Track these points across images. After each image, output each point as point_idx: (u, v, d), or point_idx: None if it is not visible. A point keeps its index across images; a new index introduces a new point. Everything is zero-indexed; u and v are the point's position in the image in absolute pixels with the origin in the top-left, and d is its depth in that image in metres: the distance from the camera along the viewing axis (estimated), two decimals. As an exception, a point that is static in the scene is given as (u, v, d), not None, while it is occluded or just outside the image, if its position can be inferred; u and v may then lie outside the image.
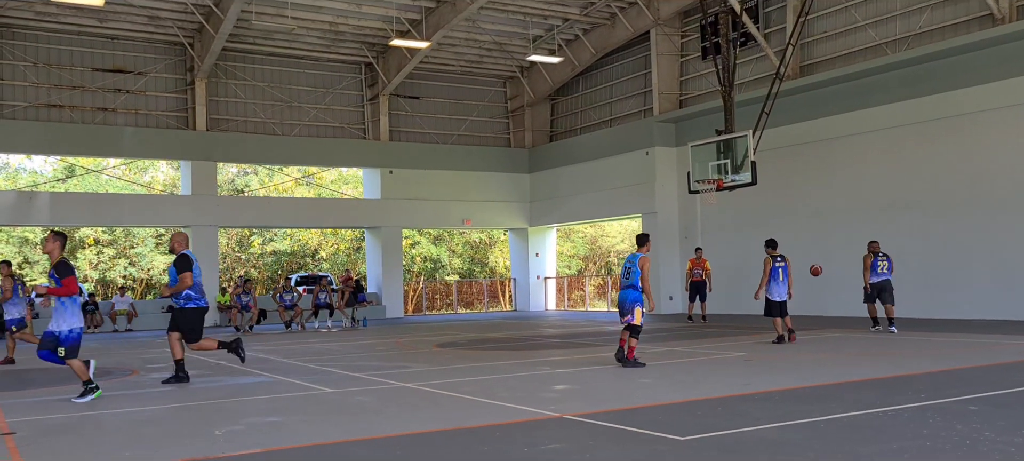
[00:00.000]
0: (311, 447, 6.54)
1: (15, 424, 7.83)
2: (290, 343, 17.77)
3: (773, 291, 14.05)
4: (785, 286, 14.07)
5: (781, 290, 14.05)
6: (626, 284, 11.39)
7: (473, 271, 41.26)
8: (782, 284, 14.03)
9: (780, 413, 7.45)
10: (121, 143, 25.81)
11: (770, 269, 14.00)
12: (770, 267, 14.01)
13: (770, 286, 14.04)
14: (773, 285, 14.03)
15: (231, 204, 29.62)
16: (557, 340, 16.84)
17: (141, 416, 8.29)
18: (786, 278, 14.09)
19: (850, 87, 21.64)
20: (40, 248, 36.26)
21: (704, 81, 25.70)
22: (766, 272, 14.03)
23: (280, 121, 28.22)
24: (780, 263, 14.07)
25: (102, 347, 18.12)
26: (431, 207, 30.18)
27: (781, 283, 14.02)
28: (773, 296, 14.06)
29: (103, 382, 11.36)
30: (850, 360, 11.70)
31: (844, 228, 21.53)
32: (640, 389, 9.38)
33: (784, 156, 22.90)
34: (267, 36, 26.72)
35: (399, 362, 12.96)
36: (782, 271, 14.06)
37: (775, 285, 14.02)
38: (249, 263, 39.73)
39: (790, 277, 14.23)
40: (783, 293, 14.07)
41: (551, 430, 7.00)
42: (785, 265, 14.14)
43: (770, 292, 14.06)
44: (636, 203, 27.28)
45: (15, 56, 24.80)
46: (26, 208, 25.11)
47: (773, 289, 14.04)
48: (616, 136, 28.16)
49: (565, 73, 29.62)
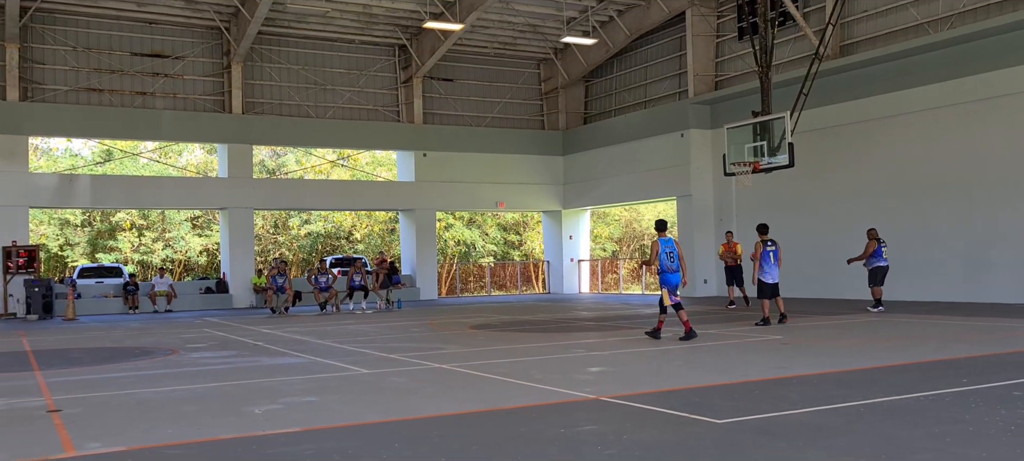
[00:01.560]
0: (349, 427, 6.59)
1: (61, 401, 7.99)
2: (325, 324, 17.94)
3: (766, 273, 14.59)
4: (776, 268, 14.65)
5: (774, 272, 14.62)
6: (675, 269, 12.40)
7: (507, 253, 41.31)
8: (774, 266, 14.62)
9: (818, 397, 7.37)
10: (159, 127, 26.14)
11: (761, 252, 14.51)
12: (761, 251, 14.52)
13: (762, 268, 14.59)
14: (766, 267, 14.59)
15: (267, 186, 29.92)
16: (591, 322, 16.81)
17: (182, 394, 8.42)
18: (777, 261, 14.67)
19: (891, 67, 21.26)
20: (80, 230, 36.94)
21: (740, 62, 25.41)
22: (758, 255, 14.57)
23: (314, 104, 28.39)
24: (771, 247, 14.65)
25: (142, 327, 18.43)
26: (465, 189, 30.23)
27: (773, 265, 14.61)
28: (766, 278, 14.59)
29: (145, 361, 11.57)
30: (889, 344, 11.55)
31: (884, 211, 21.20)
32: (675, 372, 9.34)
33: (822, 138, 22.59)
34: (301, 19, 26.85)
35: (434, 343, 13.03)
36: (773, 254, 14.63)
37: (768, 267, 14.59)
38: (284, 245, 40.13)
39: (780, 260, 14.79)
40: (775, 275, 14.62)
41: (587, 412, 7.00)
42: (776, 249, 14.71)
43: (763, 274, 14.60)
44: (670, 186, 27.11)
45: (56, 41, 25.18)
46: (67, 191, 25.55)
47: (766, 271, 14.59)
48: (650, 118, 27.97)
49: (599, 55, 29.44)
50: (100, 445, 6.04)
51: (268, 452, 5.77)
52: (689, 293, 26.21)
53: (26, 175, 24.80)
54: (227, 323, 19.06)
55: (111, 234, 37.68)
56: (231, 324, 18.67)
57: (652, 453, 5.53)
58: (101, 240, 37.50)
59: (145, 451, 5.87)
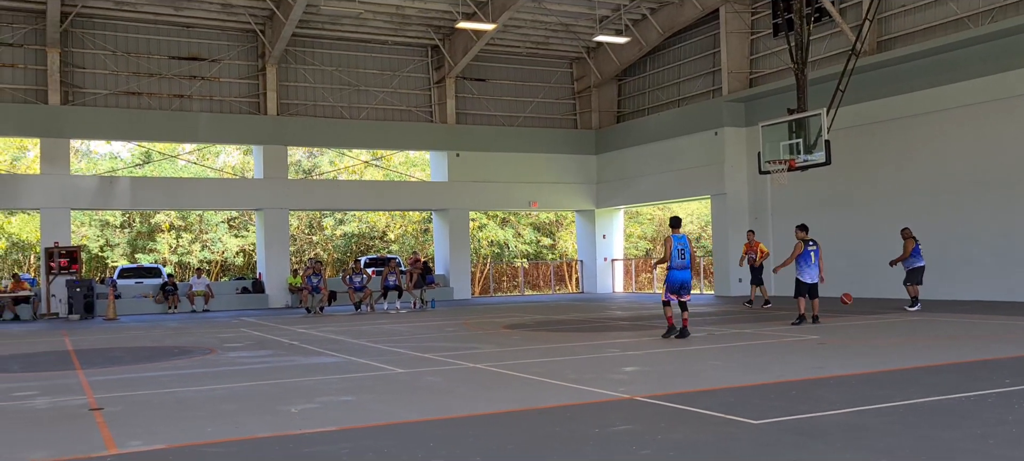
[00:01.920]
0: (384, 426, 6.64)
1: (102, 400, 8.13)
2: (360, 324, 18.06)
3: (805, 273, 14.47)
4: (816, 269, 14.51)
5: (813, 273, 14.49)
6: (686, 265, 12.55)
7: (540, 253, 41.29)
8: (813, 267, 14.48)
9: (856, 397, 7.28)
10: (197, 129, 26.49)
11: (801, 252, 14.46)
12: (801, 250, 14.46)
13: (801, 268, 14.47)
14: (805, 267, 14.46)
15: (301, 187, 30.19)
16: (625, 322, 16.75)
17: (220, 393, 8.52)
18: (817, 261, 14.52)
19: (930, 62, 20.92)
20: (120, 231, 37.54)
21: (775, 59, 25.16)
22: (794, 254, 14.56)
23: (348, 105, 28.60)
24: (812, 247, 14.54)
25: (181, 327, 18.69)
26: (498, 189, 30.27)
27: (813, 266, 14.48)
28: (804, 278, 14.48)
29: (184, 360, 11.73)
30: (928, 344, 11.37)
31: (922, 208, 20.89)
32: (711, 371, 9.27)
33: (859, 135, 22.30)
34: (335, 21, 27.06)
35: (468, 343, 13.06)
36: (814, 254, 14.51)
37: (806, 267, 14.46)
38: (319, 245, 40.46)
39: (821, 261, 14.65)
40: (814, 275, 14.49)
41: (621, 411, 6.97)
42: (817, 249, 14.58)
43: (801, 274, 14.49)
44: (705, 184, 26.92)
45: (95, 45, 25.62)
46: (107, 193, 25.99)
47: (805, 271, 14.47)
48: (684, 116, 27.79)
49: (632, 53, 29.31)
50: (141, 443, 6.14)
51: (305, 451, 5.83)
52: (723, 292, 26.02)
53: (67, 177, 25.27)
54: (263, 323, 19.27)
55: (150, 235, 38.26)
56: (267, 324, 18.87)
57: (687, 453, 5.50)
58: (140, 241, 38.10)
59: (185, 449, 5.96)
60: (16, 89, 24.61)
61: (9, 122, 24.60)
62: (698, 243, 39.17)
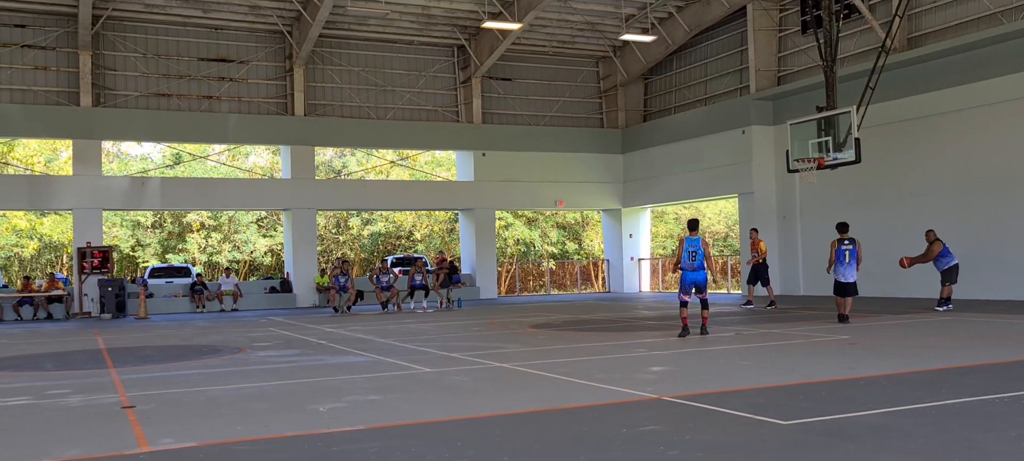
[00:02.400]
0: (411, 425, 6.66)
1: (135, 398, 8.24)
2: (387, 323, 18.14)
3: (838, 272, 14.73)
4: (851, 268, 14.69)
5: (848, 271, 14.68)
6: (696, 266, 12.85)
7: (566, 252, 41.24)
8: (849, 266, 14.68)
9: (887, 398, 7.20)
10: (225, 129, 26.74)
11: (835, 251, 14.72)
12: (835, 249, 14.74)
13: (835, 267, 14.76)
14: (838, 266, 14.71)
15: (328, 187, 30.38)
16: (652, 322, 16.68)
17: (249, 392, 8.60)
18: (853, 260, 14.70)
19: (961, 59, 20.64)
20: (151, 231, 37.99)
21: (804, 56, 24.94)
22: (832, 254, 14.85)
23: (375, 105, 28.73)
24: (847, 246, 14.72)
25: (210, 326, 18.88)
26: (524, 189, 30.27)
27: (848, 265, 14.67)
28: (840, 277, 14.72)
29: (213, 359, 11.85)
30: (961, 344, 11.22)
31: (953, 207, 20.62)
32: (739, 371, 9.22)
33: (889, 133, 22.05)
34: (361, 22, 27.20)
35: (494, 342, 13.08)
36: (850, 253, 14.69)
37: (842, 266, 14.68)
38: (346, 245, 40.69)
39: (858, 260, 14.81)
40: (849, 275, 14.69)
41: (649, 411, 6.95)
42: (854, 248, 14.75)
43: (837, 273, 14.75)
44: (732, 183, 26.75)
45: (126, 48, 25.94)
46: (138, 193, 26.31)
47: (838, 270, 14.73)
48: (711, 115, 27.63)
49: (659, 52, 29.19)
50: (173, 441, 6.21)
51: (333, 449, 5.87)
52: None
53: (99, 178, 25.61)
54: (291, 322, 19.41)
55: (181, 235, 38.69)
56: (295, 323, 19.01)
57: (716, 454, 5.47)
58: (171, 241, 38.54)
59: (215, 447, 6.02)
60: (49, 91, 24.98)
61: (42, 124, 24.98)
62: (725, 242, 38.95)
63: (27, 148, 35.41)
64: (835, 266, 14.78)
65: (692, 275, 12.93)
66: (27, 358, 12.71)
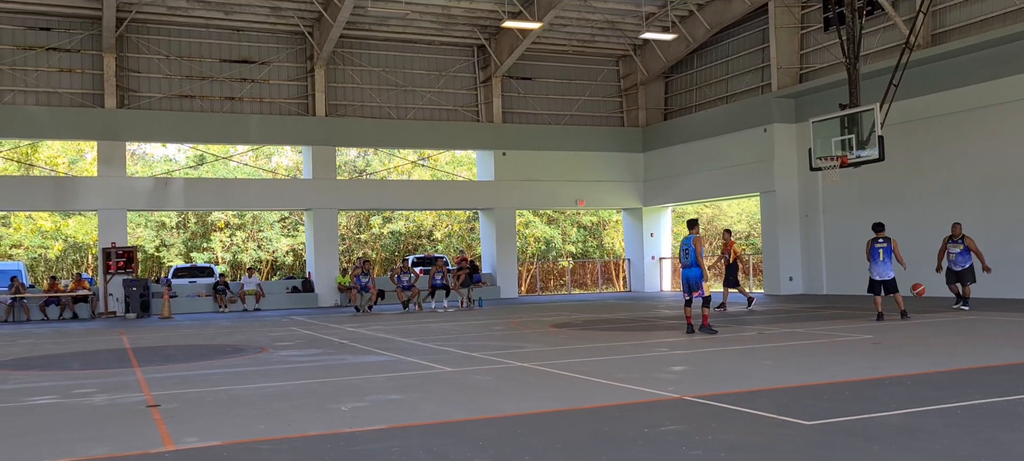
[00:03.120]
0: (433, 425, 6.68)
1: (159, 397, 8.31)
2: (408, 323, 18.18)
3: (872, 270, 15.03)
4: (886, 266, 14.91)
5: (882, 269, 14.92)
6: (688, 264, 13.24)
7: (587, 252, 41.16)
8: (883, 264, 14.92)
9: (912, 398, 7.14)
10: (247, 130, 26.93)
11: (869, 250, 15.05)
12: (868, 248, 15.06)
13: (869, 265, 15.08)
14: (872, 264, 15.03)
15: (350, 187, 30.50)
16: (673, 321, 16.61)
17: (272, 391, 8.65)
18: (888, 259, 14.91)
19: (986, 55, 20.40)
20: (175, 232, 38.31)
21: (826, 53, 24.75)
22: (867, 253, 15.11)
23: (395, 105, 28.81)
24: (881, 244, 14.98)
25: (233, 325, 19.01)
26: (544, 188, 30.25)
27: (882, 263, 14.91)
28: (872, 275, 15.01)
29: (236, 359, 11.93)
30: (987, 343, 11.10)
31: (979, 205, 20.39)
32: (761, 371, 9.16)
33: (914, 130, 21.84)
34: (382, 22, 27.28)
35: (515, 342, 13.08)
36: (883, 252, 14.94)
37: (874, 265, 15.00)
38: (367, 244, 40.84)
39: (894, 257, 14.97)
40: (882, 273, 14.90)
41: (670, 411, 6.93)
42: (888, 246, 14.99)
43: (871, 271, 15.06)
44: (754, 182, 26.60)
45: (149, 50, 26.17)
46: (162, 194, 26.55)
47: (872, 268, 15.03)
48: (732, 113, 27.48)
49: (679, 50, 29.07)
50: (197, 439, 6.26)
51: (356, 449, 5.89)
52: (773, 291, 25.67)
53: (124, 180, 25.86)
54: (313, 321, 19.51)
55: (204, 235, 38.98)
56: (317, 323, 19.10)
57: (738, 454, 5.44)
58: (194, 241, 38.85)
59: (239, 446, 6.06)
60: (74, 93, 25.26)
61: (67, 126, 25.27)
62: (747, 241, 38.73)
63: (52, 149, 35.82)
64: (870, 265, 15.03)
65: (684, 273, 13.37)
66: (53, 357, 12.86)
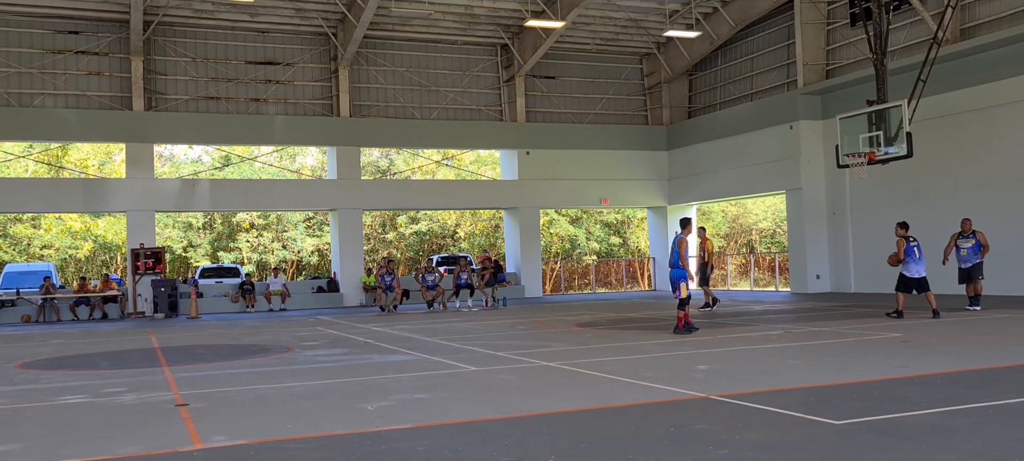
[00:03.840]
0: (459, 424, 6.68)
1: (187, 396, 8.39)
2: (433, 322, 18.23)
3: (911, 268, 14.92)
4: (922, 263, 14.95)
5: (919, 267, 14.92)
6: (671, 264, 13.42)
7: (611, 250, 41.05)
8: (919, 262, 14.93)
9: (942, 397, 7.05)
10: (272, 131, 27.12)
11: (905, 248, 14.95)
12: (904, 247, 14.96)
13: (907, 263, 14.96)
14: (910, 263, 14.94)
15: (374, 187, 30.63)
16: (699, 320, 16.53)
17: (299, 390, 8.71)
18: (922, 257, 14.99)
19: (1016, 49, 20.10)
20: (202, 232, 38.66)
21: (853, 49, 24.51)
22: (901, 251, 15.03)
23: (419, 105, 28.89)
24: (914, 243, 15.07)
25: (259, 325, 19.14)
26: (568, 187, 30.21)
27: (918, 261, 14.95)
28: (910, 273, 14.92)
29: (263, 358, 12.02)
30: (1017, 341, 10.94)
31: (1009, 201, 20.09)
32: (789, 370, 9.09)
33: (942, 126, 21.57)
34: (405, 22, 27.36)
35: (540, 341, 13.07)
36: (917, 249, 15.02)
37: (912, 263, 14.93)
38: (392, 244, 40.99)
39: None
40: (918, 270, 14.90)
41: (697, 410, 6.89)
42: (919, 243, 15.10)
43: (907, 269, 14.96)
44: (779, 179, 26.40)
45: (176, 52, 26.43)
46: (189, 195, 26.81)
47: (910, 266, 14.93)
48: (758, 110, 27.29)
49: (703, 47, 28.91)
50: (225, 438, 6.31)
51: (382, 448, 5.91)
52: (800, 289, 25.46)
53: (152, 181, 26.14)
54: (338, 321, 19.61)
55: (231, 235, 39.31)
56: (342, 322, 19.19)
57: (766, 454, 5.40)
58: (221, 242, 39.19)
59: (266, 445, 6.10)
60: (102, 96, 25.56)
61: (96, 128, 25.59)
62: (772, 239, 38.46)
63: (82, 152, 36.29)
64: (905, 262, 14.97)
65: (672, 272, 13.42)
66: (83, 357, 13.02)
